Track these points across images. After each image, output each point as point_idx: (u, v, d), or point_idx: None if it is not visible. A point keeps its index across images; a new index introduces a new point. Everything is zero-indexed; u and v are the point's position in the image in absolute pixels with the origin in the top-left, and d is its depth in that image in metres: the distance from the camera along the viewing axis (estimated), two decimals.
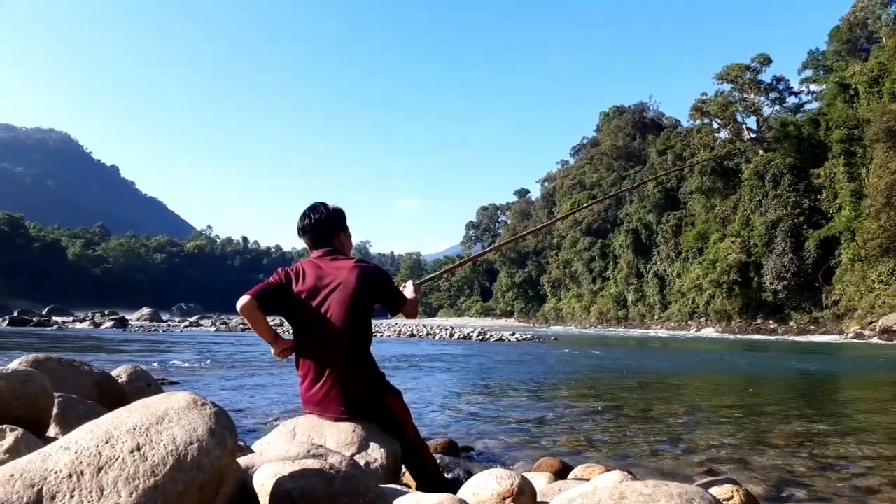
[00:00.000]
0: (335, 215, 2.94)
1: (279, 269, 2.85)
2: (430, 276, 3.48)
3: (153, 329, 29.63)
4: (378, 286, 2.81)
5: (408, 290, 3.15)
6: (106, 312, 42.31)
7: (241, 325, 34.76)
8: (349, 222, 3.05)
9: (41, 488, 1.32)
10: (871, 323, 34.39)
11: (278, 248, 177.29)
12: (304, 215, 2.92)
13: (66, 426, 2.58)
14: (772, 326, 44.05)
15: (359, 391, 2.68)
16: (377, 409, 2.72)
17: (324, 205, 2.95)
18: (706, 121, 57.46)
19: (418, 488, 2.72)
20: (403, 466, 2.80)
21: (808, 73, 60.41)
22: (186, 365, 10.53)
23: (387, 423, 2.72)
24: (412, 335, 27.35)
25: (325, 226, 2.90)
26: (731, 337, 38.55)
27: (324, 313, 2.68)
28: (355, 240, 3.26)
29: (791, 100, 57.76)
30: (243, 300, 2.62)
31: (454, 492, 2.22)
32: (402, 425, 2.73)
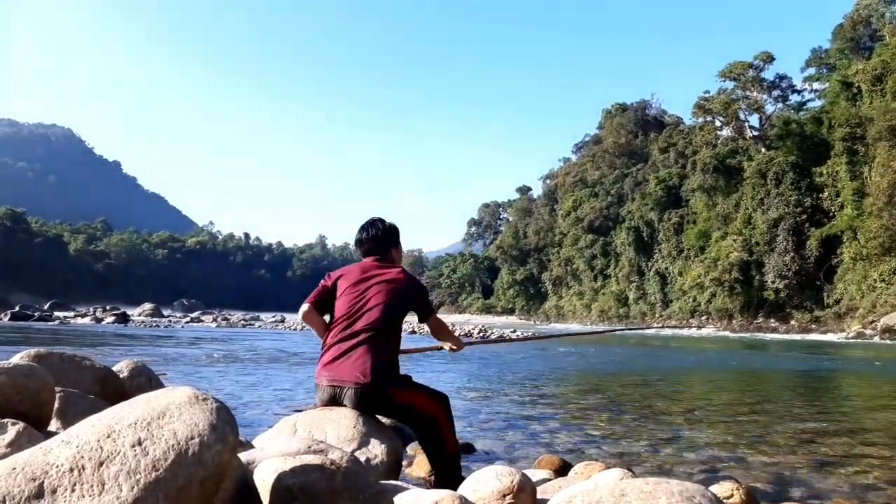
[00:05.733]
0: (391, 232, 3.20)
1: (329, 273, 3.12)
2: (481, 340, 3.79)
3: (154, 324, 29.66)
4: (420, 292, 3.09)
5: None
6: (107, 308, 42.31)
7: (243, 321, 34.82)
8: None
9: (42, 482, 1.32)
10: (872, 322, 34.34)
11: (280, 244, 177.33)
12: (363, 229, 3.17)
13: (68, 420, 2.58)
14: (773, 325, 44.01)
15: (381, 366, 2.74)
16: (391, 406, 2.77)
17: (381, 221, 3.21)
18: (709, 118, 57.31)
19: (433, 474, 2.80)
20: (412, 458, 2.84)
21: (811, 71, 60.24)
22: (188, 360, 10.54)
23: (401, 415, 2.81)
24: (413, 332, 27.38)
25: (382, 241, 3.15)
26: (733, 335, 38.50)
27: (366, 297, 2.88)
28: None
29: (794, 98, 57.65)
30: (303, 309, 2.97)
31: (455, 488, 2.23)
32: (412, 410, 2.76)
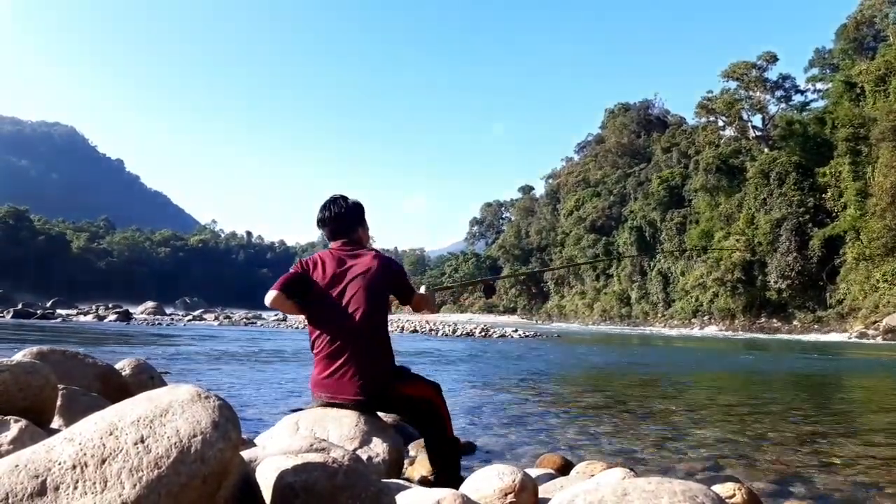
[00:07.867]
0: (355, 209, 3.03)
1: (299, 260, 2.96)
2: (444, 286, 3.65)
3: (157, 322, 29.71)
4: (396, 276, 2.94)
5: (421, 289, 3.27)
6: (110, 305, 42.39)
7: (245, 320, 34.85)
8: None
9: (45, 479, 1.33)
10: (874, 322, 34.27)
11: (282, 242, 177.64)
12: (325, 207, 3.00)
13: (70, 418, 2.58)
14: (775, 325, 43.95)
15: (377, 376, 2.71)
16: (392, 401, 2.78)
17: (343, 198, 3.03)
18: (711, 118, 57.28)
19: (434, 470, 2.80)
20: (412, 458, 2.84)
21: (815, 71, 60.06)
22: (190, 358, 10.55)
23: (402, 406, 2.81)
24: (415, 331, 27.38)
25: (345, 219, 2.99)
26: (735, 335, 38.48)
27: (344, 299, 2.75)
28: None
29: (797, 98, 57.56)
30: (271, 295, 2.74)
31: (457, 486, 2.23)
32: (412, 402, 2.77)
